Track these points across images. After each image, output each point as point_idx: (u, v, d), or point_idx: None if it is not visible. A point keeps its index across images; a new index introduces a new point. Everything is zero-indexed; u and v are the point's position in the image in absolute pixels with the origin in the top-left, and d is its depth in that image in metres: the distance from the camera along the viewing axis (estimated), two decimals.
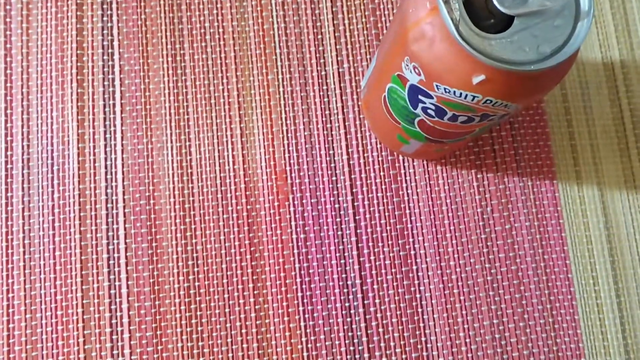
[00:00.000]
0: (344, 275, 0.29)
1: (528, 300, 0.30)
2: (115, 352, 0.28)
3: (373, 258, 0.30)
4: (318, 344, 0.29)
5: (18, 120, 0.30)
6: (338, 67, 0.32)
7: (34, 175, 0.30)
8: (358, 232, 0.30)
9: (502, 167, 0.31)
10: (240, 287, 0.29)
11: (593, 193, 0.31)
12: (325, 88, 0.32)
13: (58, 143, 0.30)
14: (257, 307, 0.29)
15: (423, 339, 0.29)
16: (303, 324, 0.29)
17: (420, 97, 0.21)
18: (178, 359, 0.28)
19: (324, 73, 0.32)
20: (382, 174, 0.31)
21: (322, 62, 0.32)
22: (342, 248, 0.30)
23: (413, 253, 0.30)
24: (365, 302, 0.29)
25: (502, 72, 0.18)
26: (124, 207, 0.30)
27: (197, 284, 0.29)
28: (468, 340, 0.29)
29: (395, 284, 0.29)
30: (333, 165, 0.31)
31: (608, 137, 0.32)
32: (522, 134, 0.32)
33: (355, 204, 0.30)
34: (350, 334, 0.29)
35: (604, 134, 0.32)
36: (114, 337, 0.28)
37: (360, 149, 0.31)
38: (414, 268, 0.30)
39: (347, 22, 0.32)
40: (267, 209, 0.30)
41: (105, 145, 0.30)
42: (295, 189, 0.30)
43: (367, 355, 0.29)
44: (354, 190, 0.30)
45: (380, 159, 0.31)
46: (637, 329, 0.30)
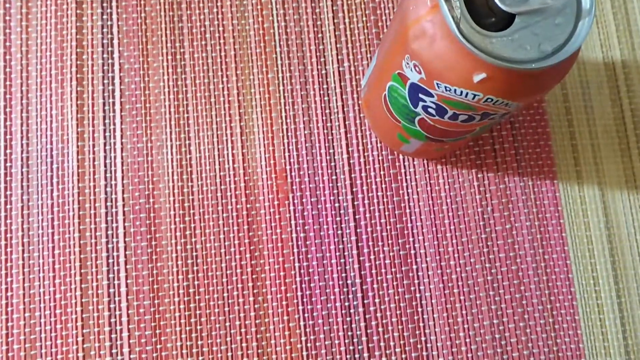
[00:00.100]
0: (344, 275, 0.29)
1: (528, 300, 0.29)
2: (115, 350, 0.28)
3: (373, 257, 0.30)
4: (318, 344, 0.29)
5: (17, 119, 0.30)
6: (338, 65, 0.32)
7: (34, 174, 0.30)
8: (358, 231, 0.30)
9: (502, 166, 0.31)
10: (240, 286, 0.29)
11: (594, 193, 0.31)
12: (326, 87, 0.31)
13: (57, 141, 0.30)
14: (256, 306, 0.29)
15: (423, 339, 0.29)
16: (303, 323, 0.29)
17: (421, 95, 0.21)
18: (177, 358, 0.28)
19: (324, 72, 0.32)
20: (382, 173, 0.31)
21: (322, 60, 0.32)
22: (342, 247, 0.30)
23: (413, 252, 0.30)
24: (365, 301, 0.29)
25: (503, 70, 0.18)
26: (124, 205, 0.30)
27: (196, 283, 0.29)
28: (468, 340, 0.29)
29: (395, 284, 0.29)
30: (333, 164, 0.31)
31: (609, 137, 0.32)
32: (522, 134, 0.32)
33: (356, 203, 0.30)
34: (350, 334, 0.29)
35: (605, 134, 0.32)
36: (113, 335, 0.28)
37: (361, 148, 0.31)
38: (414, 267, 0.30)
39: (347, 20, 0.32)
40: (267, 208, 0.30)
41: (105, 144, 0.30)
42: (295, 188, 0.30)
43: (366, 355, 0.28)
44: (354, 190, 0.30)
45: (381, 158, 0.31)
46: (637, 330, 0.29)
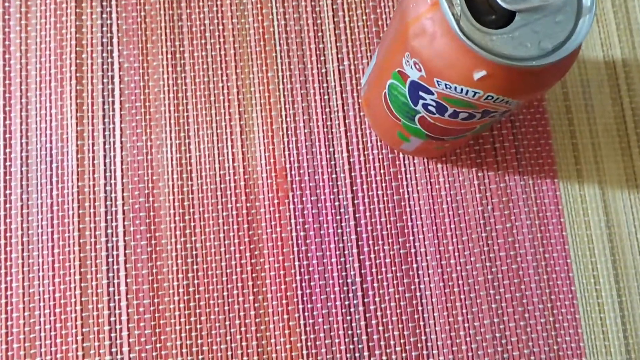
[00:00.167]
0: (344, 273, 0.29)
1: (529, 299, 0.29)
2: (114, 350, 0.28)
3: (373, 256, 0.29)
4: (318, 342, 0.28)
5: (17, 118, 0.30)
6: (338, 64, 0.32)
7: (33, 173, 0.30)
8: (358, 230, 0.30)
9: (503, 165, 0.31)
10: (240, 285, 0.29)
11: (594, 192, 0.31)
12: (326, 85, 0.31)
13: (57, 140, 0.30)
14: (256, 305, 0.29)
15: (423, 338, 0.29)
16: (303, 322, 0.29)
17: (421, 93, 0.21)
18: (177, 357, 0.28)
19: (324, 70, 0.32)
20: (382, 172, 0.31)
21: (322, 59, 0.32)
22: (342, 246, 0.30)
23: (413, 251, 0.30)
24: (366, 300, 0.29)
25: (503, 67, 0.18)
26: (123, 204, 0.30)
27: (196, 282, 0.29)
28: (468, 339, 0.29)
29: (396, 282, 0.29)
30: (333, 163, 0.31)
31: (609, 135, 0.32)
32: (523, 132, 0.32)
33: (356, 202, 0.30)
34: (350, 332, 0.29)
35: (606, 133, 0.32)
36: (113, 335, 0.28)
37: (361, 147, 0.31)
38: (414, 266, 0.30)
39: (347, 19, 0.32)
40: (267, 207, 0.30)
41: (105, 143, 0.30)
42: (295, 187, 0.30)
43: (367, 354, 0.28)
44: (354, 188, 0.30)
45: (381, 157, 0.31)
46: (638, 329, 0.29)
